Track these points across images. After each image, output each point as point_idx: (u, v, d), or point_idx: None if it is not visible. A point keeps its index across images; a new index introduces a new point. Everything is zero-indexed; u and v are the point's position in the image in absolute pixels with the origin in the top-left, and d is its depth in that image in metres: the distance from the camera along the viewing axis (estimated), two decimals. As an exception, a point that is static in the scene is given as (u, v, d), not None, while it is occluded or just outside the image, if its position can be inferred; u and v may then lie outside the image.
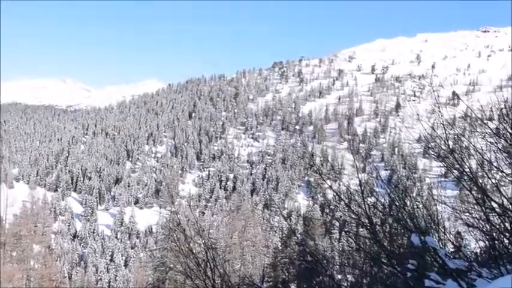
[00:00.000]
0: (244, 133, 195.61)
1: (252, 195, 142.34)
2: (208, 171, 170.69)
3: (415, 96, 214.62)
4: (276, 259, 41.48)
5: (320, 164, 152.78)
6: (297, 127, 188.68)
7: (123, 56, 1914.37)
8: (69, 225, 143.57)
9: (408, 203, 6.73)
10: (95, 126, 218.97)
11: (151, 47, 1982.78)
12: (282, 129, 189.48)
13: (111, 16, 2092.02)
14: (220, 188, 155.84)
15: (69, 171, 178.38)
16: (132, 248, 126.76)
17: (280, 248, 46.52)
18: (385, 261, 6.47)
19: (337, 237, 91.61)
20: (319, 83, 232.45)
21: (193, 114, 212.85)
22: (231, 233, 48.18)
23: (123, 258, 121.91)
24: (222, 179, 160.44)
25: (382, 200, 7.02)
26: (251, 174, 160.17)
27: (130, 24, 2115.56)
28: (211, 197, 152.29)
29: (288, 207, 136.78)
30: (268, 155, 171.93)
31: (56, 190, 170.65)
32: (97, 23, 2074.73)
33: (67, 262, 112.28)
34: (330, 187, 8.18)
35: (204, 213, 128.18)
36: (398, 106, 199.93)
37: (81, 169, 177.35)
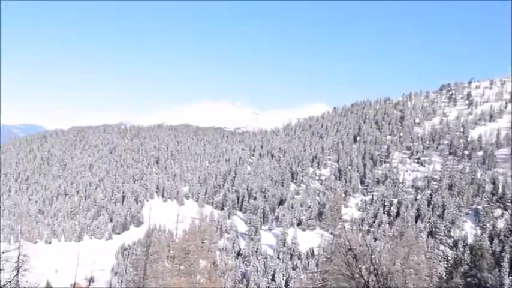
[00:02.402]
0: (409, 157, 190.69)
1: (416, 222, 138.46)
2: (372, 195, 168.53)
3: None
4: (440, 289, 40.24)
5: (491, 191, 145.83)
6: (466, 152, 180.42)
7: (291, 80, 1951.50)
8: (233, 243, 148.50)
9: None
10: (261, 148, 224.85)
11: (319, 71, 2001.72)
12: (449, 154, 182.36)
13: (282, 40, 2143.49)
14: (384, 213, 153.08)
15: (235, 191, 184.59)
16: (293, 269, 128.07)
17: (445, 277, 45.00)
18: None
19: (508, 270, 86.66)
20: (490, 106, 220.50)
21: (357, 138, 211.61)
22: (393, 259, 47.31)
23: (284, 278, 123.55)
24: (386, 203, 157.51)
25: None
26: (416, 199, 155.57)
27: (299, 48, 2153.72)
28: (374, 222, 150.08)
29: (454, 236, 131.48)
30: (434, 181, 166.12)
31: (222, 208, 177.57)
32: (267, 46, 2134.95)
33: (230, 279, 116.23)
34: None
35: (376, 239, 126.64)
36: None
37: (247, 189, 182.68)
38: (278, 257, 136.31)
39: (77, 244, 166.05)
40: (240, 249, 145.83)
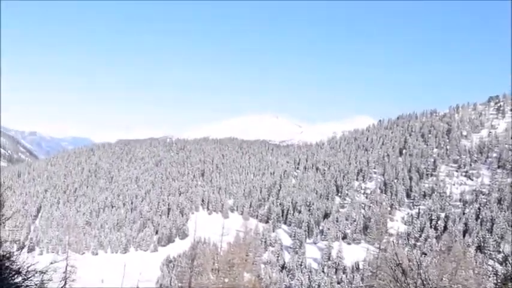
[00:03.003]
0: (456, 171, 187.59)
1: (464, 236, 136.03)
2: (418, 209, 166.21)
3: None
4: (488, 306, 39.44)
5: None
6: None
7: (335, 92, 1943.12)
8: (278, 256, 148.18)
9: None
10: (306, 161, 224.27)
11: (363, 83, 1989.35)
12: (498, 167, 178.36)
13: (325, 52, 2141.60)
14: (431, 227, 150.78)
15: (280, 204, 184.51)
16: (338, 283, 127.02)
17: (494, 294, 43.99)
18: None
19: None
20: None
21: (403, 151, 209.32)
22: (441, 274, 46.63)
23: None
24: (433, 217, 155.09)
25: None
26: (464, 213, 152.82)
27: (343, 60, 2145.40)
28: (420, 236, 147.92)
29: (504, 251, 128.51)
30: (483, 194, 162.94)
31: (267, 221, 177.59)
32: (310, 60, 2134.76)
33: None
34: None
35: (425, 254, 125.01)
36: None
37: (292, 202, 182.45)
38: (323, 271, 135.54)
39: (123, 256, 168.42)
40: (285, 262, 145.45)
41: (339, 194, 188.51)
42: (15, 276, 9.39)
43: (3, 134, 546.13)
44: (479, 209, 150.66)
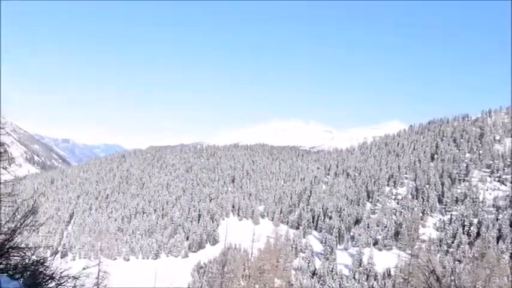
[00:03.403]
0: (489, 176, 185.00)
1: (497, 243, 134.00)
2: (451, 214, 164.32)
3: None
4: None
5: None
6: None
7: (365, 98, 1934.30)
8: (308, 263, 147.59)
9: None
10: (337, 167, 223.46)
11: (394, 87, 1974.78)
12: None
13: (352, 56, 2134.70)
14: (463, 233, 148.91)
15: (310, 210, 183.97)
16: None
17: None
18: None
19: None
20: None
21: (435, 156, 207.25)
22: (474, 281, 46.04)
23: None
24: (465, 223, 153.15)
25: None
26: (497, 219, 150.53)
27: (371, 63, 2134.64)
28: (453, 242, 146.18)
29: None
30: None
31: (297, 228, 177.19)
32: (337, 65, 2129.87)
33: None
34: None
35: (459, 260, 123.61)
36: None
37: (322, 208, 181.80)
38: (354, 277, 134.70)
39: (154, 261, 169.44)
40: (315, 268, 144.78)
41: (370, 200, 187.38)
42: (49, 281, 9.56)
43: (36, 141, 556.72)
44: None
